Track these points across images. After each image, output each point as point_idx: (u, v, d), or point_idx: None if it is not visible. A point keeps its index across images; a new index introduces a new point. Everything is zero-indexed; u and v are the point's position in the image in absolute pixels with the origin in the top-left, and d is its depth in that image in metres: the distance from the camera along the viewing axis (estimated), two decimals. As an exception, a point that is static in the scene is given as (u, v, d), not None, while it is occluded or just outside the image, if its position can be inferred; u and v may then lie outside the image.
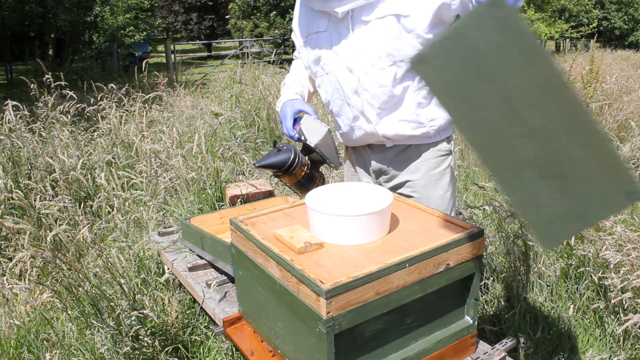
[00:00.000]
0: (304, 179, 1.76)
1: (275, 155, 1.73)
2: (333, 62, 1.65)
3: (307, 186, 1.78)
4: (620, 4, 24.70)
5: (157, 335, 2.07)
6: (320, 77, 1.74)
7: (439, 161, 1.75)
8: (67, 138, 3.82)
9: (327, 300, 1.03)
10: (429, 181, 1.75)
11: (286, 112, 1.76)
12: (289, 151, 1.71)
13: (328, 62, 1.67)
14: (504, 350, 1.36)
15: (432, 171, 1.75)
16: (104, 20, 14.60)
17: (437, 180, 1.75)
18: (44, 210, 2.80)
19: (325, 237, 1.25)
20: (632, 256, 2.12)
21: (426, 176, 1.74)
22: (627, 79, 8.74)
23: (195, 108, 5.12)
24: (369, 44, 1.57)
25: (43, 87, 4.25)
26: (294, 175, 1.73)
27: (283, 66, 10.59)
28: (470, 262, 1.26)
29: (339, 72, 1.65)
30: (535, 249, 2.49)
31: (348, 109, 1.70)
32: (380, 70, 1.59)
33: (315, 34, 1.67)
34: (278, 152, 1.73)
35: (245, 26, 18.37)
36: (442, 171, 1.76)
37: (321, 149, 1.70)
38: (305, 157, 1.75)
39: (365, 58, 1.59)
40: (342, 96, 1.69)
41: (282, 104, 1.80)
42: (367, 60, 1.59)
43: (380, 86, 1.61)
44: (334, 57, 1.64)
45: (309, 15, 1.69)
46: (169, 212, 2.89)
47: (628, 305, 2.11)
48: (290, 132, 1.73)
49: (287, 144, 1.76)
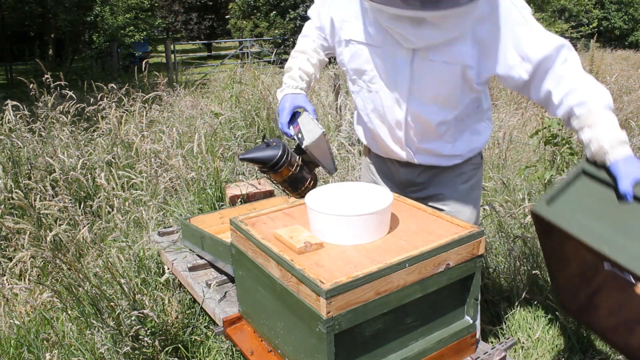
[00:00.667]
0: (291, 179, 1.68)
1: (262, 149, 1.65)
2: (380, 86, 1.54)
3: (295, 186, 1.71)
4: (620, 4, 24.70)
5: (157, 335, 2.07)
6: (358, 88, 1.64)
7: (471, 175, 1.71)
8: (67, 138, 3.82)
9: (327, 300, 1.03)
10: (461, 195, 1.70)
11: (284, 106, 1.67)
12: (278, 148, 1.64)
13: (374, 82, 1.55)
14: (504, 350, 1.36)
15: (465, 185, 1.70)
16: (104, 20, 14.58)
17: (468, 194, 1.71)
18: (44, 210, 2.80)
19: (325, 237, 1.25)
20: (632, 256, 2.11)
21: (459, 190, 1.69)
22: (627, 79, 8.74)
23: (195, 108, 5.12)
24: (428, 85, 1.48)
25: (43, 87, 4.25)
26: (279, 173, 1.67)
27: (283, 66, 10.58)
28: (470, 262, 1.26)
29: (385, 99, 1.55)
30: (535, 249, 2.48)
31: (384, 131, 1.63)
32: (432, 112, 1.53)
33: (366, 45, 1.52)
34: (267, 147, 1.65)
35: (245, 26, 18.36)
36: (473, 185, 1.72)
37: (312, 151, 1.63)
38: (297, 157, 1.69)
39: (419, 97, 1.50)
40: (382, 119, 1.61)
41: (283, 95, 1.70)
42: (420, 98, 1.50)
43: (427, 125, 1.56)
44: (384, 81, 1.52)
45: (366, 21, 1.50)
46: (169, 212, 2.89)
47: (628, 305, 2.11)
48: (285, 127, 1.66)
49: (277, 140, 1.69)
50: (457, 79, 1.46)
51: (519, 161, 4.05)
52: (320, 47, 1.75)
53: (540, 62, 1.41)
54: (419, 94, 1.50)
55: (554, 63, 1.41)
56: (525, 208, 2.53)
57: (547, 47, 1.40)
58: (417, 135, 1.59)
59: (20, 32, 15.11)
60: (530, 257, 2.52)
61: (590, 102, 1.35)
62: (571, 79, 1.39)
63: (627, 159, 1.28)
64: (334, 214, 1.23)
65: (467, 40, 1.41)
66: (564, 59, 1.40)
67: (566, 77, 1.39)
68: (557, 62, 1.40)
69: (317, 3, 1.71)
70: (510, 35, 1.41)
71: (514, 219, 2.72)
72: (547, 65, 1.41)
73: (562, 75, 1.40)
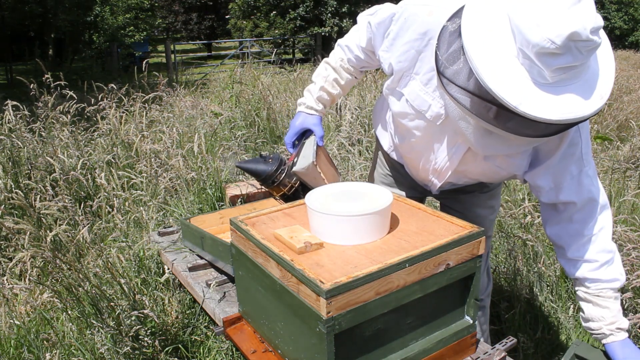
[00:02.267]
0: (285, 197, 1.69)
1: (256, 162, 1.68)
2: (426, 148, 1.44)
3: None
4: (620, 4, 24.69)
5: (157, 335, 2.07)
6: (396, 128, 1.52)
7: (492, 195, 1.71)
8: (67, 138, 3.82)
9: (327, 300, 1.03)
10: (477, 201, 1.68)
11: (294, 124, 1.65)
12: (273, 164, 1.65)
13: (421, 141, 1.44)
14: (504, 350, 1.36)
15: (482, 192, 1.68)
16: (104, 20, 14.58)
17: (486, 201, 1.70)
18: (44, 210, 2.80)
19: (325, 237, 1.25)
20: (632, 256, 2.12)
21: (475, 211, 1.68)
22: (627, 79, 8.75)
23: (195, 108, 5.12)
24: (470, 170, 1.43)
25: (43, 87, 4.25)
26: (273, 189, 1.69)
27: (283, 66, 10.58)
28: (470, 262, 1.26)
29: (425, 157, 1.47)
30: (535, 249, 2.48)
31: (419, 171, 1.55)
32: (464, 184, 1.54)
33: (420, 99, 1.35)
34: (263, 161, 1.68)
35: (245, 26, 18.36)
36: (492, 193, 1.70)
37: (301, 177, 1.63)
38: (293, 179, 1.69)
39: (458, 173, 1.46)
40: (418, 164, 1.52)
41: (299, 111, 1.66)
42: (459, 174, 1.47)
43: (453, 186, 1.56)
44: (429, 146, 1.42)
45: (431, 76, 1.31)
46: (169, 212, 2.89)
47: (628, 305, 2.11)
48: (289, 146, 1.66)
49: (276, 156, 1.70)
50: (502, 177, 1.44)
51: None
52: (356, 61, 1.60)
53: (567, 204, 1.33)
54: (461, 172, 1.45)
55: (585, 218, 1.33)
56: (525, 208, 2.53)
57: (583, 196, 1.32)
58: (445, 187, 1.56)
59: (20, 32, 15.10)
60: (530, 257, 2.52)
61: (604, 284, 1.34)
62: (597, 248, 1.33)
63: (624, 342, 1.35)
64: (334, 214, 1.23)
65: (526, 155, 1.34)
66: (601, 225, 1.33)
67: (594, 242, 1.33)
68: (591, 223, 1.33)
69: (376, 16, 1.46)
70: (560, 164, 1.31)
71: (514, 219, 2.72)
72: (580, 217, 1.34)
73: (590, 239, 1.34)
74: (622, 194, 3.03)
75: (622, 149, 4.78)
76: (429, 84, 1.32)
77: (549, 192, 1.36)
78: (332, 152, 4.13)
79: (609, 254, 1.34)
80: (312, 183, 1.63)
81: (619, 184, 3.25)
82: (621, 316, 1.37)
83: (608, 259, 1.34)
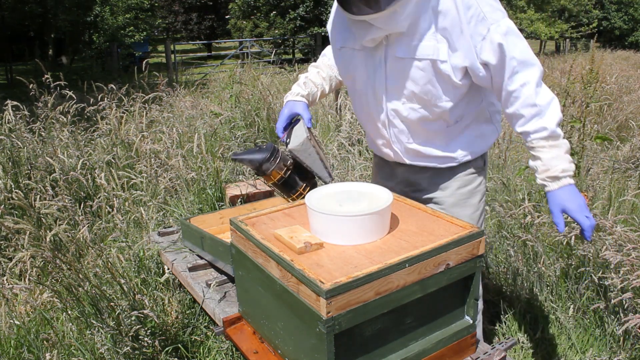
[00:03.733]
0: (281, 182, 1.74)
1: (252, 152, 1.74)
2: (365, 86, 1.59)
3: (287, 190, 1.78)
4: (620, 4, 24.70)
5: (157, 335, 2.07)
6: (351, 90, 1.69)
7: (471, 179, 1.69)
8: (67, 138, 3.82)
9: (327, 300, 1.03)
10: (458, 200, 1.69)
11: (283, 112, 1.75)
12: (267, 151, 1.72)
13: (360, 83, 1.61)
14: (504, 350, 1.36)
15: (463, 189, 1.68)
16: (104, 20, 14.58)
17: (467, 199, 1.70)
18: (43, 210, 2.80)
19: (325, 237, 1.25)
20: (632, 256, 2.11)
21: (456, 194, 1.68)
22: (627, 79, 8.75)
23: (195, 108, 5.12)
24: (401, 83, 1.51)
25: (43, 87, 4.25)
26: (269, 175, 1.73)
27: (283, 66, 10.59)
28: (470, 262, 1.26)
29: (369, 99, 1.59)
30: (535, 249, 2.49)
31: (375, 132, 1.66)
32: (410, 110, 1.54)
33: (352, 49, 1.58)
34: (258, 150, 1.74)
35: (245, 26, 18.36)
36: (472, 189, 1.70)
37: (297, 154, 1.68)
38: (287, 161, 1.74)
39: (395, 95, 1.53)
40: (369, 118, 1.65)
41: (286, 102, 1.78)
42: (397, 97, 1.53)
43: (409, 124, 1.57)
44: (366, 82, 1.58)
45: (346, 26, 1.58)
46: (169, 212, 2.89)
47: (628, 305, 2.11)
48: (279, 132, 1.73)
49: (269, 143, 1.76)
50: (429, 75, 1.47)
51: (519, 161, 4.05)
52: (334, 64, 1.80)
53: (496, 69, 1.42)
54: (395, 91, 1.53)
55: (505, 78, 1.42)
56: (525, 208, 2.53)
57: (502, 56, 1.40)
58: (404, 135, 1.60)
59: (20, 32, 15.11)
60: (530, 257, 2.52)
61: (532, 134, 1.43)
62: (521, 103, 1.42)
63: (562, 190, 1.43)
64: (334, 214, 1.23)
65: (430, 35, 1.43)
66: (523, 81, 1.41)
67: (519, 98, 1.42)
68: (512, 79, 1.42)
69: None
70: (469, 31, 1.40)
71: (514, 219, 2.72)
72: (500, 76, 1.43)
73: (513, 94, 1.43)
74: (622, 194, 3.03)
75: (622, 149, 4.78)
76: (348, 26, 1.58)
77: (474, 63, 1.43)
78: (332, 152, 4.13)
79: (534, 108, 1.41)
80: (307, 161, 1.69)
81: (619, 184, 3.26)
82: (555, 163, 1.42)
83: (534, 113, 1.41)
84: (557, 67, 10.62)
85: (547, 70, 9.30)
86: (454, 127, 1.59)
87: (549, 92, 1.43)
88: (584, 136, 2.88)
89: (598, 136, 2.86)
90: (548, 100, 1.41)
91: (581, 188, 2.85)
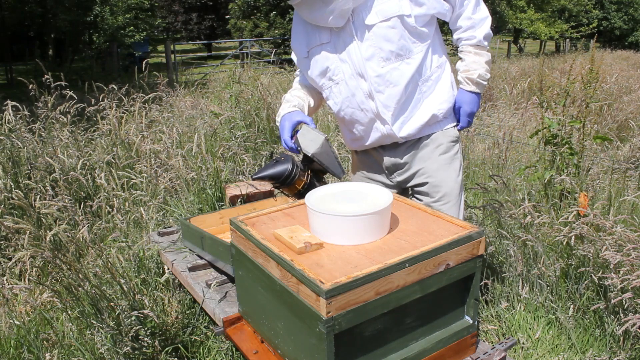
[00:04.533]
0: (304, 190, 1.72)
1: (273, 166, 1.71)
2: (341, 71, 1.68)
3: None
4: (620, 4, 24.71)
5: (157, 335, 2.07)
6: (328, 88, 1.76)
7: (449, 146, 1.80)
8: (67, 138, 3.82)
9: (327, 300, 1.03)
10: (441, 165, 1.79)
11: (284, 125, 1.77)
12: (287, 162, 1.69)
13: (336, 72, 1.69)
14: (504, 350, 1.36)
15: (444, 155, 1.79)
16: (104, 20, 14.58)
17: (449, 164, 1.80)
18: (43, 210, 2.80)
19: (325, 237, 1.25)
20: (632, 256, 2.11)
21: (438, 160, 1.79)
22: (627, 79, 8.76)
23: (195, 108, 5.11)
24: (377, 47, 1.61)
25: (43, 87, 4.24)
26: (293, 186, 1.71)
27: (283, 66, 10.58)
28: (470, 262, 1.26)
29: (349, 79, 1.68)
30: (535, 249, 2.48)
31: (362, 114, 1.73)
32: (392, 70, 1.63)
33: (319, 46, 1.69)
34: (276, 163, 1.71)
35: (245, 26, 18.36)
36: (452, 156, 1.81)
37: (320, 158, 1.70)
38: (305, 167, 1.73)
39: (375, 61, 1.62)
40: (354, 103, 1.72)
41: (281, 117, 1.81)
42: (377, 62, 1.63)
43: (393, 86, 1.65)
44: (342, 66, 1.67)
45: (308, 29, 1.71)
46: (169, 212, 2.89)
47: (628, 305, 2.11)
48: (289, 144, 1.74)
49: (284, 154, 1.75)
50: (400, 31, 1.61)
51: (519, 161, 4.05)
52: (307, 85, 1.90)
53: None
54: (374, 59, 1.63)
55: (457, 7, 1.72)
56: (525, 208, 2.53)
57: None
58: (389, 101, 1.67)
59: (20, 32, 15.10)
60: (530, 257, 2.52)
61: (463, 41, 1.76)
62: (462, 17, 1.73)
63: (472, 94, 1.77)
64: (334, 214, 1.23)
65: None
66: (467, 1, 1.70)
67: (461, 14, 1.73)
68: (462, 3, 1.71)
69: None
70: None
71: (514, 219, 2.72)
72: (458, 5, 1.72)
73: (459, 12, 1.73)
74: (622, 194, 3.03)
75: (622, 149, 4.78)
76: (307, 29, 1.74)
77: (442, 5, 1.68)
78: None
79: (469, 20, 1.73)
80: (326, 161, 1.72)
81: (619, 184, 3.25)
82: (475, 67, 1.75)
83: (469, 25, 1.73)
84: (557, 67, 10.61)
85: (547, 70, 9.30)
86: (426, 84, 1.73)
87: (485, 11, 1.75)
88: (584, 136, 2.88)
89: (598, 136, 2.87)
90: (482, 17, 1.74)
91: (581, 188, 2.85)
